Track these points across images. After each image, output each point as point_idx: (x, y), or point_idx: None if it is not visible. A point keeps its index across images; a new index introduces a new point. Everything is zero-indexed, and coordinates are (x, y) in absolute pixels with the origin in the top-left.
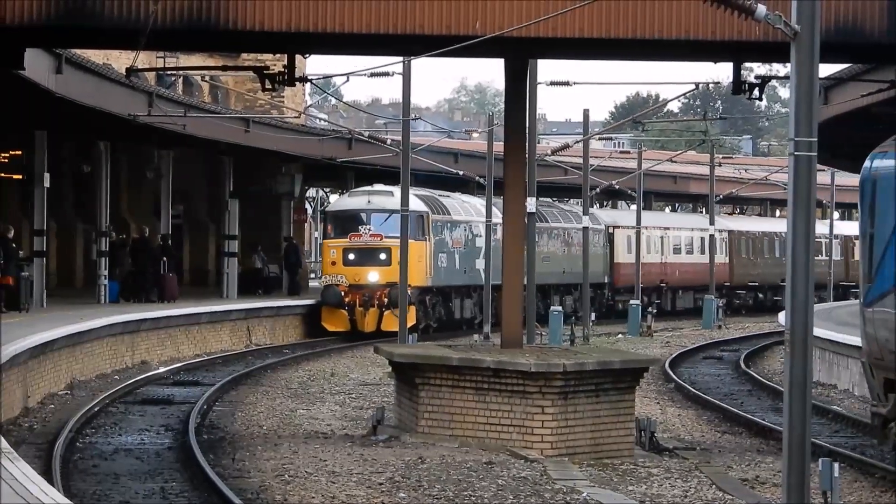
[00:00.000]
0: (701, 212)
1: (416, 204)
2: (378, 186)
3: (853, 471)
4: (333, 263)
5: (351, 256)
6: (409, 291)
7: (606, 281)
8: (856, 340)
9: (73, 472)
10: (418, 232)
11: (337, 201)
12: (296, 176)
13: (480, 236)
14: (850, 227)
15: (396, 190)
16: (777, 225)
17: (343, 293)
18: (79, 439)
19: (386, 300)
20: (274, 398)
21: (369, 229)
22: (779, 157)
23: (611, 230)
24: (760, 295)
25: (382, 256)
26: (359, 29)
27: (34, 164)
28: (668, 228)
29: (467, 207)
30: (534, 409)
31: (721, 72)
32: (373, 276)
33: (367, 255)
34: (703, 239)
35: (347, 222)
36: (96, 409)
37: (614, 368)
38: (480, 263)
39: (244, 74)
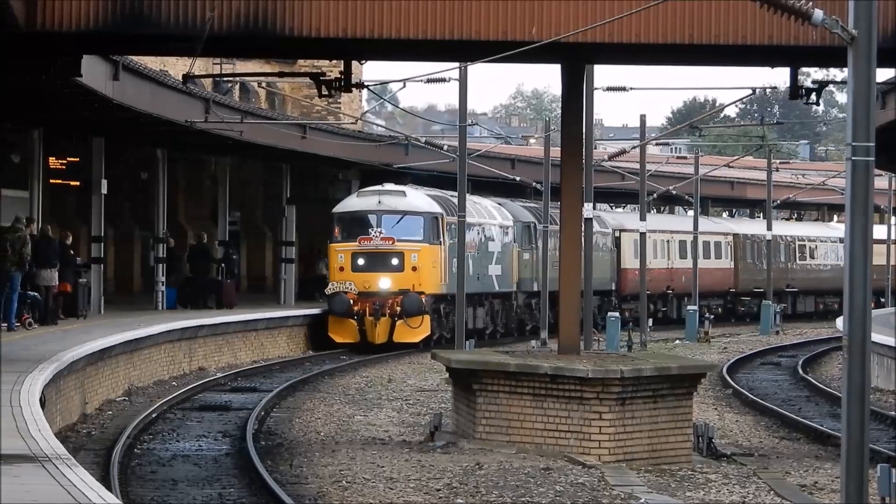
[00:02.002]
0: (704, 216)
1: (429, 204)
2: (389, 186)
3: None
4: (341, 269)
5: (360, 261)
6: (423, 299)
7: (613, 288)
8: None
9: (132, 478)
10: (433, 235)
11: (345, 202)
12: (352, 182)
13: (493, 240)
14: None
15: (409, 190)
16: (784, 228)
17: (352, 301)
18: (137, 445)
19: (398, 309)
20: (331, 404)
21: (380, 232)
22: (836, 161)
23: (617, 234)
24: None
25: (395, 261)
26: (415, 35)
27: (92, 171)
28: (675, 232)
29: (479, 209)
30: (591, 414)
31: (778, 77)
32: (384, 282)
33: (378, 260)
34: (706, 243)
35: (356, 225)
36: (154, 416)
37: (672, 374)
38: (494, 269)
39: (301, 81)
